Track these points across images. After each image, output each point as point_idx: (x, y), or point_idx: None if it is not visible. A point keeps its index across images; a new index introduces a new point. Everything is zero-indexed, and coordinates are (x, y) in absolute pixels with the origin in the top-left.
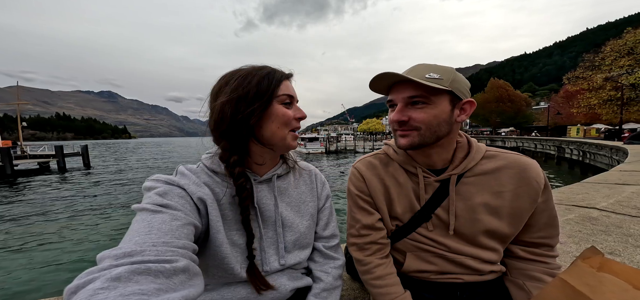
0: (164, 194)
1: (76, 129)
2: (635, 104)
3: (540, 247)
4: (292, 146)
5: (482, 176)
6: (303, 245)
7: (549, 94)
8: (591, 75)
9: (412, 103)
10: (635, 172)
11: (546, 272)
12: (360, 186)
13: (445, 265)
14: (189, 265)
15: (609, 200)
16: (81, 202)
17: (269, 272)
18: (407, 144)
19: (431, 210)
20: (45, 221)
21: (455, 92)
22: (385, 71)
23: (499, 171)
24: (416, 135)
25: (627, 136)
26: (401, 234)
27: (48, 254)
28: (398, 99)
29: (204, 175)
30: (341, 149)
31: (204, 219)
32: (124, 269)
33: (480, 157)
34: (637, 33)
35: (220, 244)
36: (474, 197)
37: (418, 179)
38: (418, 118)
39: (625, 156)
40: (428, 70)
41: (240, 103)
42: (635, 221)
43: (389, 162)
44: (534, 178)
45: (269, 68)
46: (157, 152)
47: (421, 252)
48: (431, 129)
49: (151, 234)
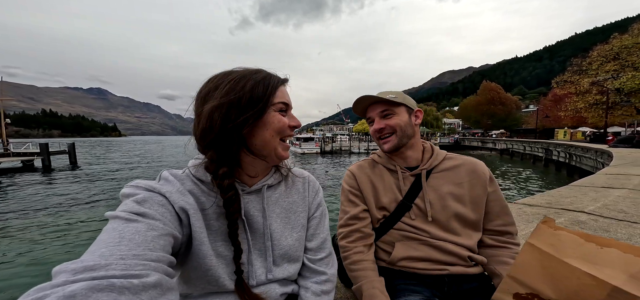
0: (143, 201)
1: (63, 126)
2: (619, 108)
3: (504, 234)
4: (284, 156)
5: (446, 172)
6: (292, 258)
7: (538, 97)
8: (578, 79)
9: (384, 115)
10: (620, 175)
11: (512, 256)
12: (351, 183)
13: (428, 251)
14: (161, 280)
15: (596, 204)
16: (62, 202)
17: (255, 286)
18: (390, 147)
19: (411, 200)
20: (19, 222)
21: (407, 104)
22: (363, 95)
23: (457, 168)
24: (394, 138)
25: (611, 139)
26: (389, 224)
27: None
28: (374, 114)
29: (189, 182)
30: (336, 149)
31: (186, 230)
32: (81, 285)
33: (442, 158)
34: (623, 39)
35: (204, 256)
36: (441, 187)
37: (398, 175)
38: (391, 123)
39: (609, 159)
40: (388, 94)
41: (231, 110)
42: (622, 225)
43: (375, 165)
44: (482, 172)
45: (264, 72)
46: (144, 150)
47: (407, 240)
48: (402, 130)
49: (121, 245)
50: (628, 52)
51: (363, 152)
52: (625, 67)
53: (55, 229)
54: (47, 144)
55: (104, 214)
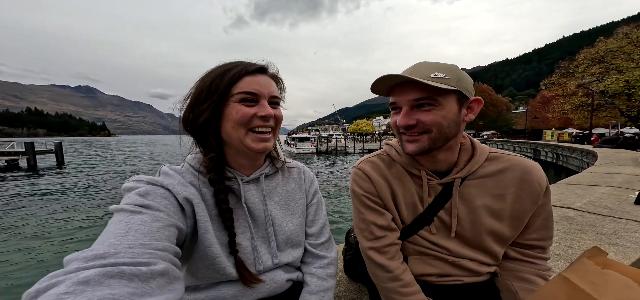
0: (146, 194)
1: (49, 125)
2: (604, 110)
3: (534, 248)
4: (256, 149)
5: (484, 179)
6: (295, 243)
7: (528, 98)
8: (565, 81)
9: (419, 105)
10: (604, 173)
11: (536, 273)
12: (366, 187)
13: (445, 268)
14: (168, 269)
15: (582, 201)
16: (49, 202)
17: (263, 271)
18: (416, 150)
19: (434, 213)
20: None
21: (462, 91)
22: (388, 73)
23: (501, 173)
24: (426, 140)
25: (595, 140)
26: (403, 236)
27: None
28: (402, 101)
29: (189, 175)
30: (332, 149)
31: (190, 220)
32: (93, 271)
33: (483, 159)
34: (608, 42)
35: (210, 244)
36: (475, 199)
37: (421, 181)
38: (427, 121)
39: (594, 159)
40: (432, 69)
41: (196, 103)
42: (607, 220)
43: (392, 163)
44: (537, 180)
45: (232, 63)
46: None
47: (423, 256)
48: (441, 131)
49: (128, 235)
50: (613, 56)
51: (358, 152)
52: (609, 70)
53: (41, 227)
54: (32, 143)
55: (109, 207)
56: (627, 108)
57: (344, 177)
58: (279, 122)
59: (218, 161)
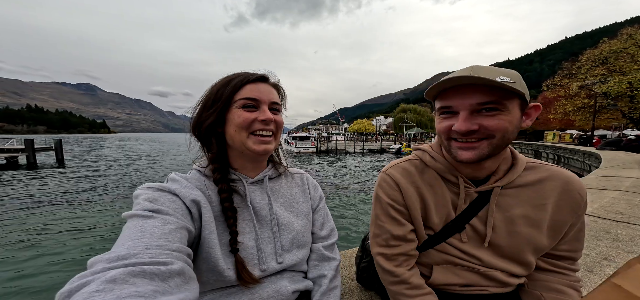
0: (154, 199)
1: (49, 122)
2: (606, 112)
3: (565, 259)
4: (257, 150)
5: (522, 188)
6: (300, 244)
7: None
8: (568, 83)
9: (487, 108)
10: (611, 177)
11: (566, 284)
12: (394, 195)
13: (472, 278)
14: (184, 268)
15: (593, 205)
16: (53, 199)
17: (267, 272)
18: (474, 157)
19: (466, 221)
20: (9, 220)
21: (525, 97)
22: (456, 74)
23: (541, 183)
24: (486, 146)
25: (597, 142)
26: (429, 244)
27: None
28: (463, 105)
29: (195, 179)
30: (332, 149)
31: (197, 223)
32: (118, 271)
33: (522, 169)
34: (611, 44)
35: (213, 245)
36: (512, 208)
37: (458, 189)
38: (492, 126)
39: (596, 161)
40: (496, 73)
41: (203, 110)
42: (621, 226)
43: (425, 169)
44: (578, 190)
45: (236, 74)
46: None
47: (449, 265)
48: (505, 137)
49: (144, 238)
50: (616, 57)
51: (358, 151)
52: (612, 71)
53: (39, 225)
54: (32, 140)
55: (122, 214)
56: (630, 110)
57: (344, 176)
58: (279, 127)
59: (221, 161)
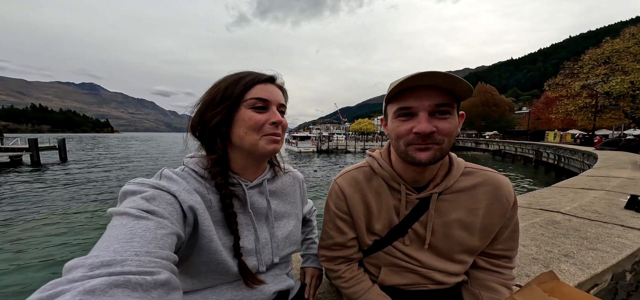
0: (151, 199)
1: (53, 122)
2: (608, 112)
3: (501, 258)
4: (268, 150)
5: (459, 193)
6: (292, 242)
7: (531, 99)
8: (570, 82)
9: (441, 111)
10: (601, 176)
11: (501, 282)
12: (340, 205)
13: (414, 278)
14: (170, 279)
15: (572, 204)
16: (53, 198)
17: (263, 271)
18: (430, 158)
19: (408, 225)
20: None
21: (460, 103)
22: (414, 73)
23: (475, 188)
24: (438, 150)
25: (598, 142)
26: (377, 247)
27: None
28: (423, 106)
29: (192, 180)
30: (333, 149)
31: (189, 228)
32: (100, 280)
33: (459, 174)
34: (614, 43)
35: (215, 251)
36: (449, 213)
37: (400, 195)
38: (445, 128)
39: (595, 161)
40: (450, 75)
41: (207, 109)
42: (593, 225)
43: (373, 176)
44: (506, 196)
45: (244, 73)
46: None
47: (395, 266)
48: (451, 140)
49: (133, 241)
50: (619, 57)
51: (359, 151)
52: (615, 71)
53: (40, 224)
54: (36, 139)
55: (108, 210)
56: (632, 110)
57: None
58: (284, 128)
59: (222, 164)
